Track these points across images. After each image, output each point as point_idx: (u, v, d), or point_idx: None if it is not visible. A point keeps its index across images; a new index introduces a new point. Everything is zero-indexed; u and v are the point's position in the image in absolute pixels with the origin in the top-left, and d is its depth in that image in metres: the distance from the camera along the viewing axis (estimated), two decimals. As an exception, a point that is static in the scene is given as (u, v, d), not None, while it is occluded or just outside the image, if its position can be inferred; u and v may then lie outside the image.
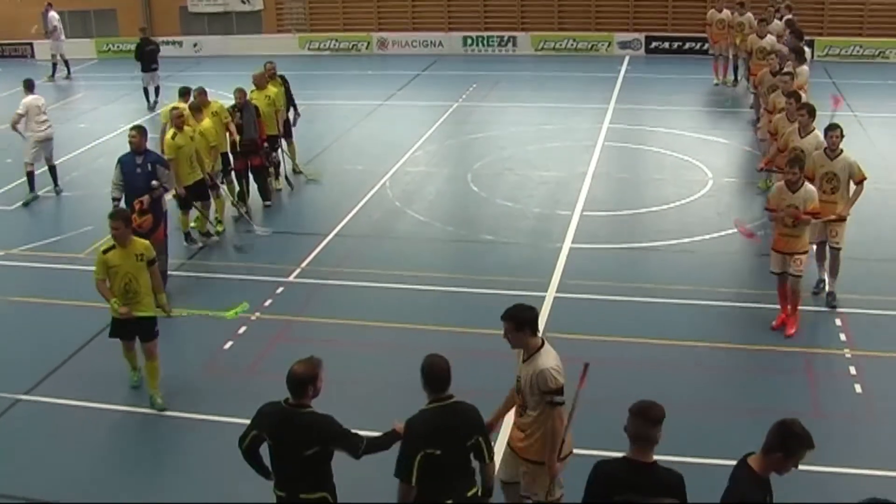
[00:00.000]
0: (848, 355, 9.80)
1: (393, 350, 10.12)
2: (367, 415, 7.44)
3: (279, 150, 15.54)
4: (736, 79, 22.10)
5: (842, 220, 10.60)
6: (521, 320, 6.30)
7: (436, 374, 5.78)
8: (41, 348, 10.34)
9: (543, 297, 11.18)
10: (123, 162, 11.07)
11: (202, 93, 13.72)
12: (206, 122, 13.26)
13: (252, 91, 14.87)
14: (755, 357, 9.91)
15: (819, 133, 11.35)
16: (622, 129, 18.84)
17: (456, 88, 22.68)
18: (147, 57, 21.45)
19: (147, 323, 8.91)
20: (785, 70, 14.31)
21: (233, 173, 14.42)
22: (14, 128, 15.33)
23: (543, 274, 11.87)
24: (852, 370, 9.51)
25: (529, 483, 6.48)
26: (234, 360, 10.01)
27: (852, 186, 10.70)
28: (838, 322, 10.51)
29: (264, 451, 6.09)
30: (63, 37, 25.55)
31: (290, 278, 12.16)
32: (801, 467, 5.05)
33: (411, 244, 13.36)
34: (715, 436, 8.30)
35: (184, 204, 12.84)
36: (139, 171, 10.94)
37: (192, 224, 13.32)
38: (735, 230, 11.28)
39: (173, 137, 12.33)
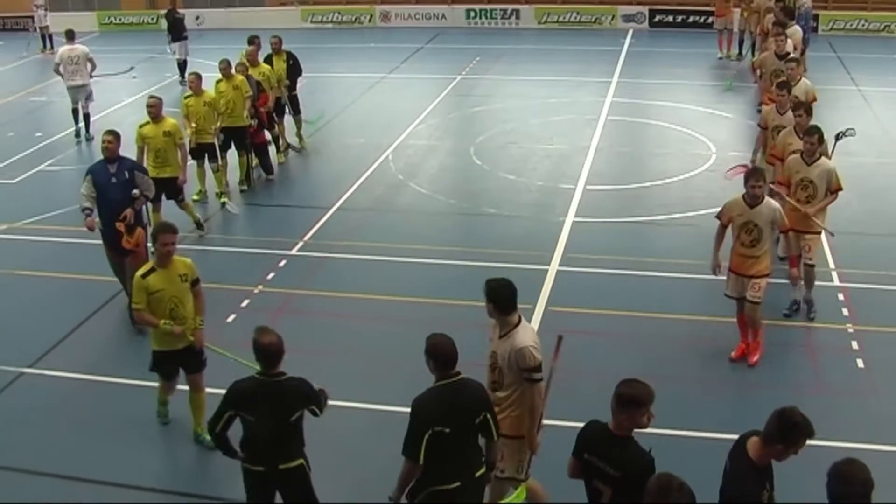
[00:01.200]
0: (850, 330, 9.76)
1: (395, 323, 10.10)
2: (369, 387, 7.44)
3: (275, 127, 15.45)
4: (741, 53, 21.93)
5: (815, 233, 9.84)
6: (496, 296, 6.21)
7: (443, 352, 5.72)
8: (45, 321, 10.32)
9: (546, 271, 11.15)
10: (94, 171, 9.85)
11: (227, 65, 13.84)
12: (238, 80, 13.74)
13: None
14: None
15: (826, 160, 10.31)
16: (625, 102, 18.72)
17: (459, 62, 22.52)
18: (177, 26, 21.42)
19: (195, 351, 7.82)
20: (791, 56, 13.20)
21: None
22: (56, 72, 17.08)
23: (546, 247, 11.82)
24: (854, 345, 9.47)
25: (499, 459, 6.32)
26: (237, 334, 9.97)
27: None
28: (840, 297, 10.46)
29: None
30: (45, 11, 25.59)
31: (293, 251, 12.12)
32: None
33: (414, 217, 13.31)
34: (717, 409, 8.30)
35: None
36: (114, 180, 9.79)
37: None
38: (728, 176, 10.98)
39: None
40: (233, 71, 13.77)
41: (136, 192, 9.86)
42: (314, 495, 6.27)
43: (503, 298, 6.21)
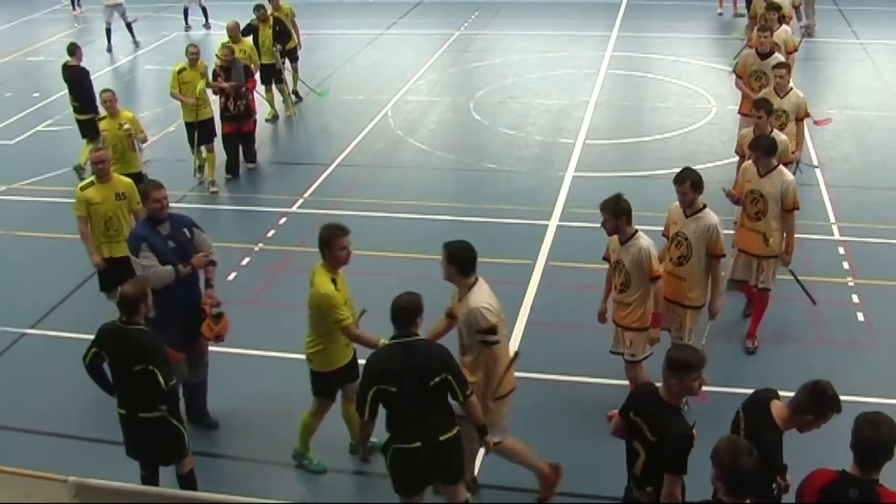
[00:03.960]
0: (850, 283, 9.68)
1: (396, 278, 9.99)
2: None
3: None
4: (748, 8, 21.52)
5: (771, 257, 8.25)
6: (459, 259, 6.05)
7: (396, 309, 5.62)
8: (46, 282, 10.25)
9: (546, 226, 11.05)
10: (146, 237, 7.11)
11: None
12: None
13: (225, 43, 13.67)
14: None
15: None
16: (625, 56, 18.45)
17: (457, 16, 22.18)
18: None
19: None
20: (781, 61, 10.74)
21: (222, 140, 12.97)
22: None
23: (546, 202, 11.71)
24: (855, 298, 9.40)
25: (467, 428, 5.97)
26: (237, 291, 9.91)
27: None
28: (841, 251, 10.37)
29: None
30: None
31: (293, 209, 12.02)
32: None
33: (413, 173, 13.17)
34: (717, 364, 8.21)
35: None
36: (172, 245, 7.21)
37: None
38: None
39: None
40: (118, 106, 11.18)
41: (202, 255, 7.38)
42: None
43: (466, 261, 6.08)
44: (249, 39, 14.54)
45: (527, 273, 10.01)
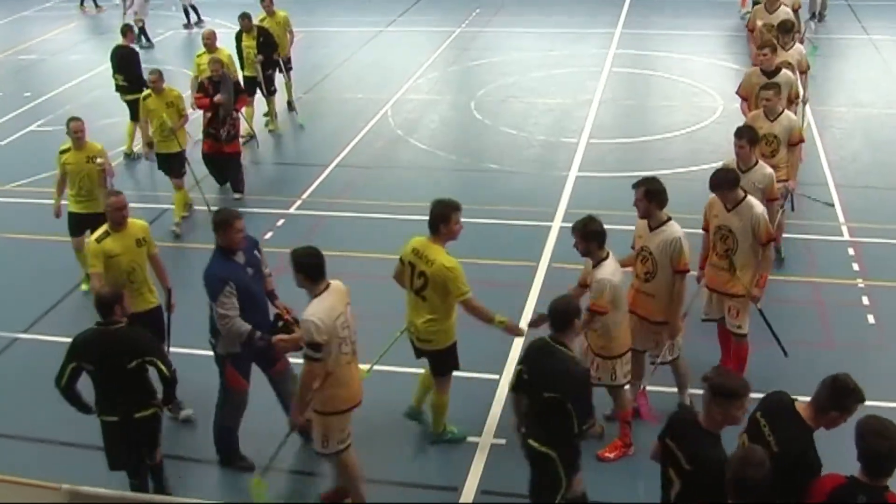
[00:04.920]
0: (861, 285, 9.66)
1: (394, 282, 10.00)
2: (370, 347, 7.36)
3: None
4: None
5: (741, 295, 7.70)
6: (304, 266, 6.17)
7: (555, 311, 5.87)
8: (38, 286, 10.25)
9: (549, 227, 11.04)
10: (229, 277, 6.78)
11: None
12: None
13: (200, 54, 13.28)
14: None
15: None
16: (630, 54, 18.44)
17: (458, 13, 22.18)
18: None
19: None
20: (771, 81, 9.75)
21: (203, 159, 12.35)
22: None
23: (549, 203, 11.70)
24: (865, 300, 9.38)
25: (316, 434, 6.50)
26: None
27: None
28: (851, 251, 10.35)
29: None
30: None
31: (291, 210, 12.01)
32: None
33: (414, 174, 13.17)
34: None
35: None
36: (251, 271, 7.04)
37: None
38: None
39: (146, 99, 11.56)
40: (164, 84, 11.43)
41: (268, 271, 7.42)
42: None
43: (312, 267, 6.16)
44: (227, 49, 13.63)
45: (529, 275, 10.00)
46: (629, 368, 7.14)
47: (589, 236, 6.84)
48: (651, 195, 7.14)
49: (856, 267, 10.02)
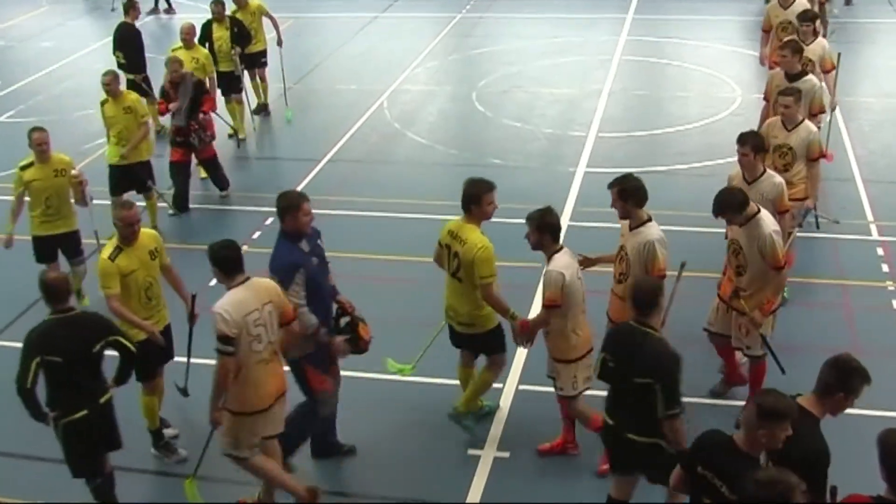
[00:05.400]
0: (891, 288, 9.69)
1: (392, 284, 10.04)
2: (370, 353, 7.40)
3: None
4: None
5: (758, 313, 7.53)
6: (219, 260, 6.41)
7: (639, 290, 5.97)
8: (7, 289, 10.25)
9: (556, 227, 11.05)
10: (301, 262, 6.83)
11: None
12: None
13: (176, 49, 13.01)
14: (788, 289, 9.78)
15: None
16: (642, 41, 18.49)
17: (458, -2, 22.27)
18: None
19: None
20: (791, 86, 9.50)
21: (169, 168, 12.11)
22: None
23: (556, 200, 11.57)
24: (895, 304, 9.41)
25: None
26: (214, 301, 9.92)
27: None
28: (880, 251, 10.38)
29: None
30: None
31: (280, 209, 12.03)
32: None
33: (412, 169, 13.21)
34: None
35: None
36: (316, 261, 7.06)
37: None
38: None
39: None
40: (122, 86, 11.27)
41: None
42: None
43: (226, 260, 6.37)
44: (205, 48, 13.55)
45: (535, 277, 10.00)
46: (590, 374, 7.02)
47: (544, 228, 6.90)
48: (626, 195, 7.12)
49: (885, 268, 10.04)
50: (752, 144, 7.93)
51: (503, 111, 15.07)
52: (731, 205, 7.25)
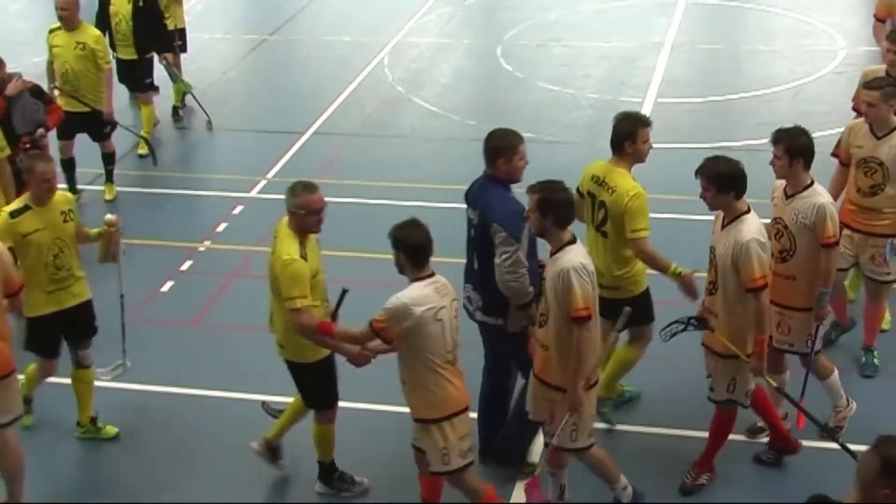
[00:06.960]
0: None
1: (392, 288, 10.05)
2: (357, 379, 7.46)
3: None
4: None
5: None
6: None
7: None
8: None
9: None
10: (523, 207, 7.29)
11: None
12: None
13: (55, 33, 11.67)
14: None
15: None
16: (714, -20, 18.55)
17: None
18: None
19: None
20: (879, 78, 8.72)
21: None
22: None
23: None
24: None
25: None
26: (172, 308, 9.99)
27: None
28: None
29: None
30: None
31: (252, 193, 12.12)
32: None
33: (418, 145, 13.30)
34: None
35: None
36: None
37: None
38: None
39: None
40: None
41: None
42: None
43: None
44: (95, 30, 12.09)
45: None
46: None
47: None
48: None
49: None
50: (785, 145, 7.37)
51: (537, 71, 15.13)
52: (712, 171, 7.20)
